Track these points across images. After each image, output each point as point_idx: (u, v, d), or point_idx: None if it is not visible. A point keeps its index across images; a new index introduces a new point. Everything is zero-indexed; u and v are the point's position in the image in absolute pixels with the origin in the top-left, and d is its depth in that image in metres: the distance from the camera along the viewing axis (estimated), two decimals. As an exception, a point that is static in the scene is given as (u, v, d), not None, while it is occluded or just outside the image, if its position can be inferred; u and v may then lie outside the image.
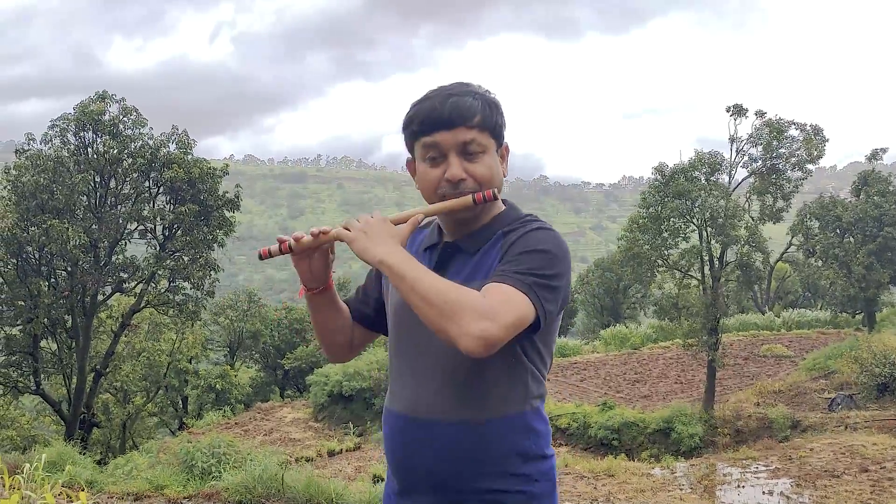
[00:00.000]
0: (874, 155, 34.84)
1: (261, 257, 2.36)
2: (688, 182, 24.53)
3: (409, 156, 2.41)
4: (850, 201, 34.71)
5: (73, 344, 27.20)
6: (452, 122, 2.22)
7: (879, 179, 33.92)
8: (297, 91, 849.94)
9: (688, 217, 24.73)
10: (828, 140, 25.72)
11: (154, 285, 27.47)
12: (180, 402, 41.95)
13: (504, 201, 2.38)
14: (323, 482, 9.66)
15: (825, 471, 15.68)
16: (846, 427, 20.83)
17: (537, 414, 2.27)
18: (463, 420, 2.18)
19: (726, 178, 25.65)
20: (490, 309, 1.96)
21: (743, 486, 15.79)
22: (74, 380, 27.07)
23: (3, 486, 7.02)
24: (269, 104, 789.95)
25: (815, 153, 25.35)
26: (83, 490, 7.69)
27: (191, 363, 40.05)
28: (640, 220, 25.41)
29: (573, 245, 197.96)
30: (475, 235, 2.30)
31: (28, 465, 7.43)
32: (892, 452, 16.33)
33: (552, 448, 2.34)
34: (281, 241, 2.29)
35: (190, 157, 26.71)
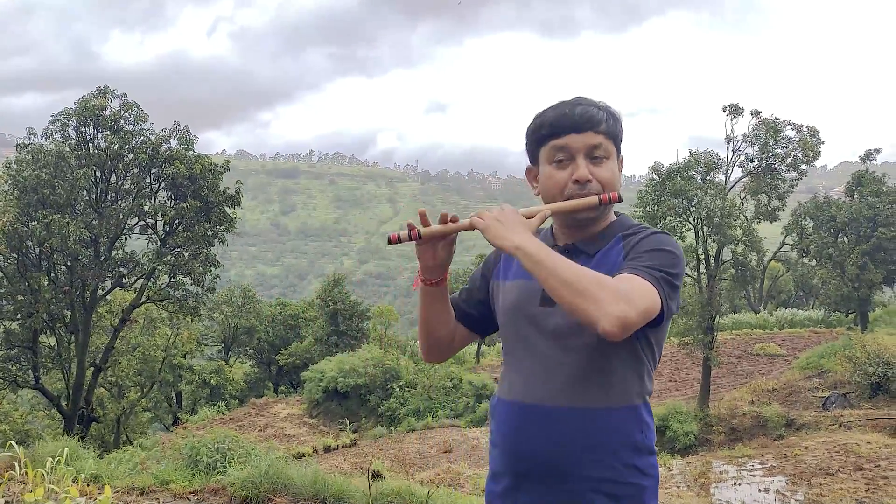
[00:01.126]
0: (868, 155, 35.05)
1: (390, 242, 2.40)
2: (684, 181, 24.65)
3: (529, 164, 2.56)
4: (844, 201, 34.91)
5: (73, 339, 27.17)
6: (582, 127, 2.35)
7: (873, 180, 34.12)
8: (294, 86, 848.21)
9: (684, 216, 24.87)
10: (823, 141, 25.92)
11: (154, 280, 27.49)
12: (174, 397, 41.96)
13: (616, 212, 2.49)
14: (329, 478, 9.72)
15: (820, 469, 15.82)
16: (840, 425, 20.96)
17: (647, 409, 2.35)
18: (583, 407, 2.26)
19: (722, 178, 25.79)
20: (628, 293, 2.06)
21: (739, 484, 15.93)
22: (73, 374, 27.07)
23: (27, 479, 7.09)
24: (266, 99, 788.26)
25: (812, 154, 25.53)
26: (94, 484, 7.76)
27: (185, 358, 40.05)
28: (637, 219, 25.47)
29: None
30: (594, 238, 2.41)
31: (50, 459, 7.50)
32: (886, 451, 16.46)
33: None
34: (411, 228, 2.37)
35: (191, 153, 26.74)
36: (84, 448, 15.59)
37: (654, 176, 25.51)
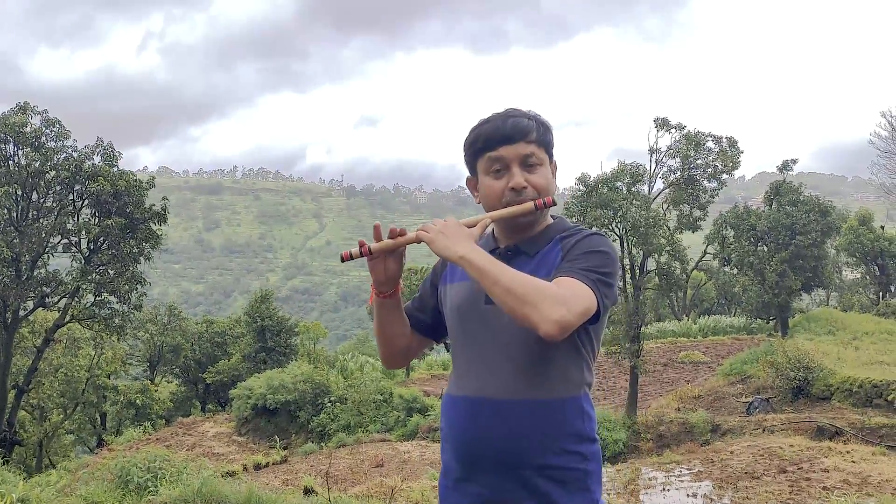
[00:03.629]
0: (785, 166, 35.84)
1: (342, 259, 2.57)
2: (610, 192, 24.95)
3: (469, 175, 2.70)
4: (763, 210, 35.69)
5: (-6, 360, 26.57)
6: (514, 138, 2.51)
7: (791, 189, 34.93)
8: (225, 102, 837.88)
9: (610, 227, 25.16)
10: (742, 152, 26.52)
11: (79, 300, 26.98)
12: (99, 418, 41.12)
13: (553, 216, 2.66)
14: (264, 495, 9.65)
15: (745, 472, 16.10)
16: (764, 430, 21.37)
17: (588, 399, 2.51)
18: (530, 399, 2.40)
19: (646, 189, 26.16)
20: (565, 298, 2.22)
21: (668, 490, 16.13)
22: (-6, 397, 26.42)
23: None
24: (197, 115, 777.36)
25: (731, 164, 26.09)
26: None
27: (110, 378, 39.32)
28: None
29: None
30: (533, 240, 2.57)
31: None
32: (809, 453, 16.82)
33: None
34: (361, 245, 2.52)
35: (115, 169, 26.36)
36: (8, 472, 15.27)
37: (581, 187, 25.77)
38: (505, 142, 2.52)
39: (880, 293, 48.88)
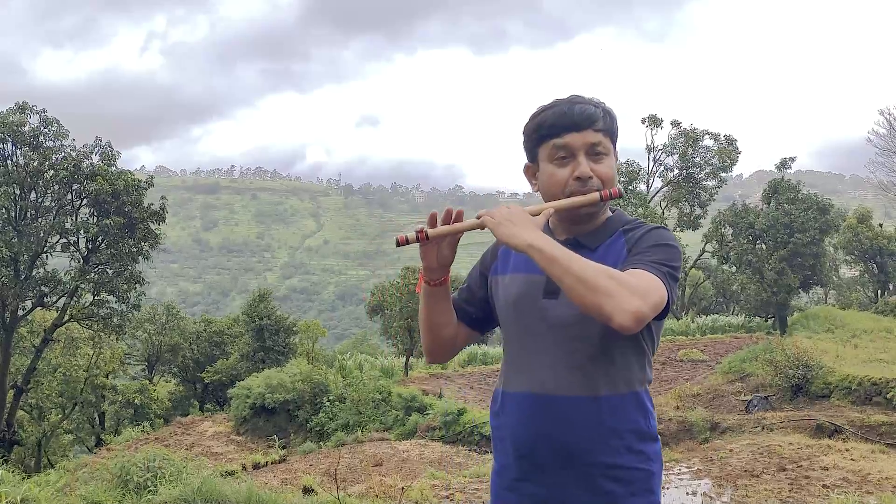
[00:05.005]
0: (783, 164, 35.91)
1: (398, 244, 2.46)
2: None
3: (528, 162, 2.60)
4: (762, 209, 35.72)
5: (-8, 361, 26.56)
6: (581, 125, 2.42)
7: (789, 187, 34.97)
8: (226, 102, 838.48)
9: (608, 226, 25.15)
10: (741, 152, 26.55)
11: (77, 299, 26.97)
12: (97, 418, 41.06)
13: (611, 208, 2.57)
14: (264, 494, 9.63)
15: (745, 470, 16.08)
16: (763, 428, 21.32)
17: (648, 396, 2.46)
18: (590, 395, 2.33)
19: (644, 187, 26.20)
20: (641, 289, 2.14)
21: (667, 488, 16.10)
22: (-7, 397, 26.41)
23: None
24: (198, 115, 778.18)
25: (729, 161, 26.12)
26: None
27: (108, 378, 39.26)
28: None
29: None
30: (595, 233, 2.48)
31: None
32: (808, 451, 16.80)
33: None
34: (418, 231, 2.41)
35: (114, 168, 26.34)
36: (8, 472, 15.29)
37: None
38: (572, 129, 2.43)
39: (879, 291, 48.88)
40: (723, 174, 26.36)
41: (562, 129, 2.43)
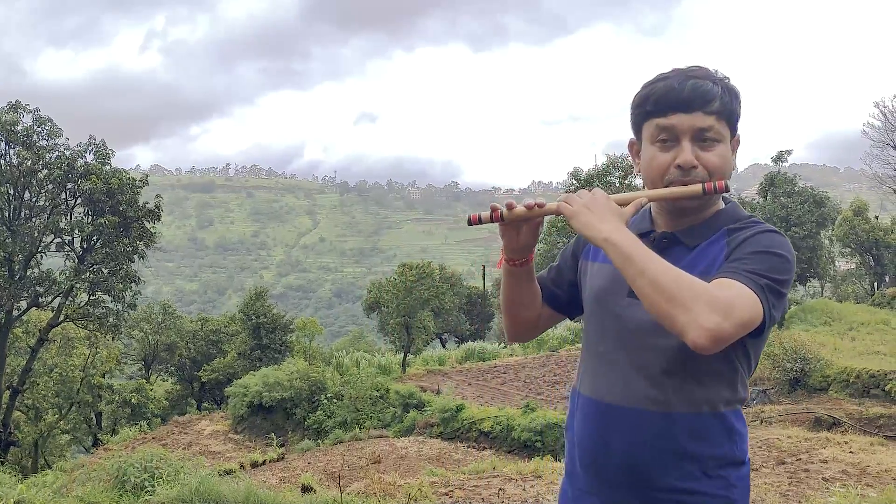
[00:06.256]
0: (780, 157, 35.90)
1: (470, 223, 2.26)
2: (603, 186, 24.95)
3: (633, 137, 2.31)
4: (758, 202, 35.73)
5: (-13, 361, 26.49)
6: (691, 105, 2.12)
7: (785, 180, 34.97)
8: (226, 100, 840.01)
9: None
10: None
11: (72, 299, 26.90)
12: (94, 418, 40.97)
13: (725, 200, 2.26)
14: (262, 493, 9.56)
15: (745, 464, 16.10)
16: (762, 421, 21.34)
17: (738, 417, 2.18)
18: (665, 412, 2.10)
19: (640, 182, 26.15)
20: (724, 304, 1.86)
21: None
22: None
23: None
24: (198, 113, 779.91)
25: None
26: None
27: (105, 378, 39.18)
28: (559, 224, 25.72)
29: (484, 250, 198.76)
30: (696, 229, 2.20)
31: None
32: (807, 444, 16.80)
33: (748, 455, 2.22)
34: (493, 209, 2.20)
35: (108, 167, 26.26)
36: (4, 473, 15.21)
37: (574, 182, 25.77)
38: (680, 108, 2.12)
39: (875, 283, 48.92)
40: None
41: (668, 108, 2.14)
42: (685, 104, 2.11)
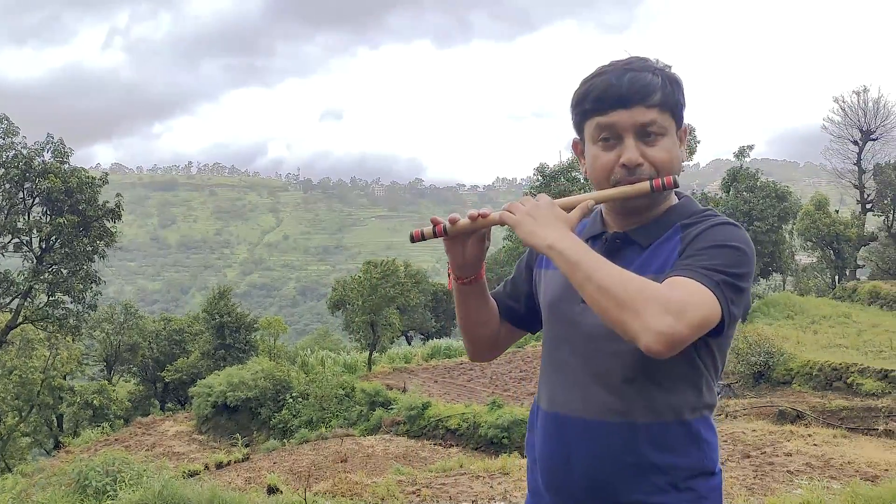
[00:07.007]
0: (742, 152, 36.23)
1: (412, 239, 2.16)
2: (568, 182, 25.05)
3: (576, 137, 2.19)
4: (721, 197, 36.04)
5: (-56, 364, 26.11)
6: (630, 100, 2.00)
7: (748, 175, 35.32)
8: (190, 98, 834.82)
9: (569, 216, 25.24)
10: (699, 141, 26.71)
11: (31, 300, 26.54)
12: (55, 420, 40.51)
13: (679, 194, 2.16)
14: (227, 495, 9.45)
15: (710, 458, 16.17)
16: (726, 415, 21.48)
17: (707, 425, 2.06)
18: (629, 421, 1.99)
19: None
20: (677, 304, 1.76)
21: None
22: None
23: None
24: (161, 111, 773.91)
25: (688, 151, 26.25)
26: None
27: (66, 379, 38.75)
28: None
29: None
30: (649, 227, 2.09)
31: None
32: (771, 437, 16.92)
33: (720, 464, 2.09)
34: (435, 223, 2.10)
35: (67, 166, 25.93)
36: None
37: (539, 178, 25.80)
38: (619, 104, 2.00)
39: (836, 276, 49.51)
40: (684, 163, 26.49)
41: (607, 105, 2.02)
42: (624, 100, 2.00)
